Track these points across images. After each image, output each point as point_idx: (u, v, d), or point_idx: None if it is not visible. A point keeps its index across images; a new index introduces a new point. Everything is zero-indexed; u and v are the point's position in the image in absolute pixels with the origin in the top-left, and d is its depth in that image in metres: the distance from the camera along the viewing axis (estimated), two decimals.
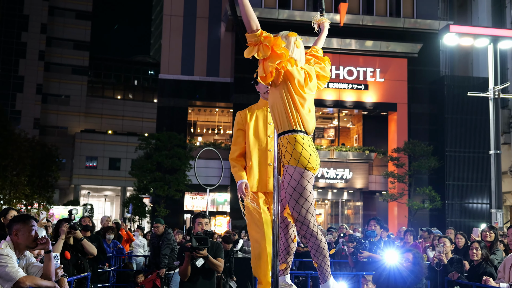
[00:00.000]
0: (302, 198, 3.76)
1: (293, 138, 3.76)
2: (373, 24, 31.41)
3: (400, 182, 28.96)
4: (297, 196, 3.76)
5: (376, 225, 8.70)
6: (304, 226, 3.80)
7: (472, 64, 36.25)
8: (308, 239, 3.85)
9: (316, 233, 3.80)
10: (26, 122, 61.83)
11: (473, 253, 7.26)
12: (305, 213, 3.78)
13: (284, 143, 3.79)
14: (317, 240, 3.82)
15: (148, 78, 73.85)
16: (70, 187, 61.82)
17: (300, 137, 3.77)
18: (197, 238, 5.74)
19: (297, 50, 4.01)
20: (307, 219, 3.79)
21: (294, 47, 4.00)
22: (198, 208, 31.86)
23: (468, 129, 29.95)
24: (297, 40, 4.05)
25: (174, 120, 31.77)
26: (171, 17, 33.21)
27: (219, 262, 6.00)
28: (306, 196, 3.77)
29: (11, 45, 64.54)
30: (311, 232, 3.81)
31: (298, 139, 3.76)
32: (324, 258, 3.84)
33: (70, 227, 6.76)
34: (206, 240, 5.77)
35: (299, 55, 4.02)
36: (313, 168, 3.78)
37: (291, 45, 3.99)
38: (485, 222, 23.54)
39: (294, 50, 3.99)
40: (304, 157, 3.74)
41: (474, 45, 20.30)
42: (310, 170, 3.76)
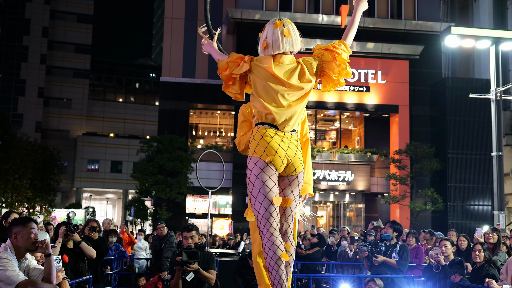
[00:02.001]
0: (249, 183, 3.72)
1: (255, 129, 3.78)
2: (375, 26, 31.41)
3: (402, 184, 28.92)
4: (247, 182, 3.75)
5: (391, 228, 8.63)
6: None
7: (473, 66, 36.20)
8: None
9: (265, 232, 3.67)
10: (28, 125, 61.91)
11: (476, 255, 7.23)
12: (253, 201, 3.72)
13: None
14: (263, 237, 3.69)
15: (150, 81, 73.96)
16: (72, 190, 61.87)
17: (257, 128, 3.76)
18: (188, 252, 5.62)
19: (287, 40, 3.82)
20: (255, 209, 3.70)
21: (283, 38, 3.81)
22: (200, 210, 31.84)
23: (470, 131, 29.90)
24: (285, 28, 3.84)
25: (176, 122, 31.78)
26: (172, 20, 33.25)
27: (211, 275, 5.87)
28: (253, 180, 3.69)
29: (13, 48, 64.67)
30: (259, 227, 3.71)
31: (255, 131, 3.78)
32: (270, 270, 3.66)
33: (67, 230, 6.75)
34: (197, 254, 5.65)
35: (290, 44, 3.83)
36: (258, 155, 3.67)
37: (279, 37, 3.81)
38: (487, 224, 23.47)
39: (283, 41, 3.80)
40: (251, 147, 3.74)
41: (476, 46, 20.26)
42: (260, 158, 3.67)
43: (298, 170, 3.77)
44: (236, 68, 3.80)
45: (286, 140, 3.72)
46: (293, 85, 3.75)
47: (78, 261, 6.96)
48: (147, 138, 32.25)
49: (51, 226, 10.04)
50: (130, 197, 47.27)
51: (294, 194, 3.81)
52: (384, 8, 32.60)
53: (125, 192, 59.18)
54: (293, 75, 3.77)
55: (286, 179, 3.80)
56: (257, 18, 30.75)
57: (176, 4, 33.33)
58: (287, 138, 3.74)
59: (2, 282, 4.26)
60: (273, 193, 3.67)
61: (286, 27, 3.83)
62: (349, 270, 10.78)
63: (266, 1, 31.43)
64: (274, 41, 3.80)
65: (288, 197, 3.79)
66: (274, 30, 3.83)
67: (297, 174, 3.79)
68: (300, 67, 3.81)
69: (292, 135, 3.80)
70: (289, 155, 3.72)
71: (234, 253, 13.90)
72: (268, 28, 3.88)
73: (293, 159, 3.74)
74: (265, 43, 3.86)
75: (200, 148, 31.87)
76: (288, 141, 3.74)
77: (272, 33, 3.83)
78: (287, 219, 3.80)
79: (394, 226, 8.74)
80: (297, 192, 3.83)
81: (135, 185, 32.29)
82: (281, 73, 3.76)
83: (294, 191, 3.81)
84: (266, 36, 3.87)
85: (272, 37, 3.82)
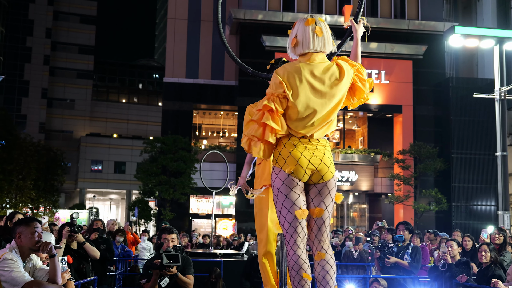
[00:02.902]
0: (273, 195, 3.56)
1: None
2: (378, 26, 31.34)
3: (405, 184, 28.88)
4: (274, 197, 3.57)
5: (404, 230, 8.56)
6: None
7: (477, 65, 36.12)
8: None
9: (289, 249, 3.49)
10: (31, 126, 62.06)
11: (482, 256, 7.19)
12: (278, 215, 3.55)
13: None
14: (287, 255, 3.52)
15: (153, 82, 74.07)
16: (75, 191, 61.96)
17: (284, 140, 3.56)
18: (168, 255, 5.39)
19: (319, 39, 3.59)
20: (281, 223, 3.53)
21: (315, 36, 3.58)
22: (204, 211, 31.83)
23: (474, 130, 29.82)
24: (317, 26, 3.61)
25: (179, 123, 31.79)
26: (175, 20, 33.26)
27: (189, 280, 5.63)
28: (276, 193, 3.53)
29: (16, 49, 64.81)
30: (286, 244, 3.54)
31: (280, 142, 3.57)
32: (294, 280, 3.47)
33: (71, 230, 6.74)
34: (178, 257, 5.41)
35: (322, 43, 3.60)
36: (280, 165, 3.49)
37: (309, 35, 3.58)
38: (492, 224, 23.41)
39: (315, 39, 3.57)
40: (274, 157, 3.57)
41: (480, 46, 20.21)
42: (282, 168, 3.49)
43: (326, 177, 3.52)
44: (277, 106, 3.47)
45: (310, 148, 3.51)
46: (326, 89, 3.52)
47: (82, 261, 6.96)
48: (151, 139, 32.26)
49: (56, 227, 10.03)
50: (133, 198, 47.31)
51: (326, 203, 3.55)
52: (387, 8, 32.55)
53: (128, 193, 59.25)
54: (326, 76, 3.53)
55: (315, 188, 3.56)
56: (260, 19, 30.74)
57: (179, 5, 33.33)
58: (312, 145, 3.53)
59: (8, 283, 4.25)
60: (296, 206, 3.46)
61: (318, 25, 3.61)
62: (354, 270, 10.75)
63: (269, 2, 31.42)
64: (305, 39, 3.59)
65: (319, 206, 3.54)
66: (305, 28, 3.61)
67: (325, 182, 3.54)
68: (337, 67, 3.58)
69: (320, 141, 3.57)
70: (314, 163, 3.48)
71: (238, 253, 13.86)
72: (298, 25, 3.66)
73: (319, 167, 3.49)
74: (295, 40, 3.63)
75: (204, 149, 31.87)
76: (314, 148, 3.52)
77: (303, 30, 3.61)
78: (320, 229, 3.54)
79: (408, 227, 8.65)
80: (329, 200, 3.56)
81: (138, 185, 32.32)
82: (314, 72, 3.52)
83: (325, 200, 3.55)
84: (296, 33, 3.65)
85: (302, 34, 3.60)
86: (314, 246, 3.55)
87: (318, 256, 3.51)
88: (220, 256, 11.83)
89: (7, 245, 4.55)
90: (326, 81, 3.51)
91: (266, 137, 3.42)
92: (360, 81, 3.65)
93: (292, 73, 3.50)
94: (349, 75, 3.57)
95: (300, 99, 3.46)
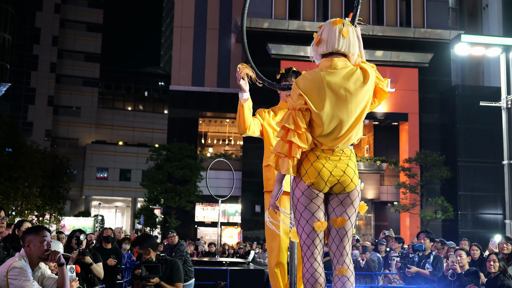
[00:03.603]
0: (293, 205, 3.46)
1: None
2: (383, 34, 31.37)
3: (412, 192, 28.78)
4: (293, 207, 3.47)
5: (425, 238, 8.45)
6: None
7: (483, 73, 36.06)
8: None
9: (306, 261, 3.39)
10: (37, 133, 62.24)
11: (491, 265, 7.15)
12: (296, 225, 3.44)
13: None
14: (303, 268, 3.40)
15: (158, 89, 74.25)
16: (81, 198, 62.03)
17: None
18: (148, 266, 5.20)
19: (345, 40, 3.41)
20: (298, 233, 3.42)
21: (341, 36, 3.40)
22: (209, 219, 31.81)
23: (481, 139, 29.71)
24: (345, 27, 3.42)
25: (185, 131, 31.83)
26: (181, 28, 33.36)
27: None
28: (295, 203, 3.42)
29: (23, 57, 65.12)
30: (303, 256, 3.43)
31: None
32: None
33: (79, 253, 6.72)
34: (158, 268, 5.21)
35: (347, 45, 3.42)
36: (300, 176, 3.38)
37: (335, 34, 3.40)
38: (499, 233, 23.27)
39: (340, 39, 3.39)
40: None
41: (486, 54, 20.17)
42: (302, 179, 3.38)
43: (348, 188, 3.38)
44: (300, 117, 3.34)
45: (333, 159, 3.37)
46: (352, 96, 3.35)
47: (89, 271, 6.96)
48: (156, 146, 32.30)
49: (63, 235, 10.04)
50: (139, 205, 47.34)
51: (348, 213, 3.41)
52: (393, 16, 32.57)
53: (133, 200, 59.27)
54: (351, 81, 3.36)
55: (337, 198, 3.42)
56: (266, 27, 30.80)
57: (186, 13, 33.45)
58: (336, 156, 3.38)
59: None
60: (315, 218, 3.35)
61: (345, 27, 3.42)
62: (361, 279, 10.69)
63: (275, 10, 31.49)
64: (330, 38, 3.40)
65: (341, 216, 3.40)
66: (332, 27, 3.42)
67: (348, 193, 3.40)
68: (360, 71, 3.41)
69: (344, 151, 3.41)
70: (336, 175, 3.34)
71: (244, 262, 13.83)
72: (325, 26, 3.48)
73: (341, 179, 3.36)
74: (319, 38, 3.46)
75: (209, 157, 31.89)
76: (337, 159, 3.37)
77: (329, 29, 3.43)
78: (342, 240, 3.40)
79: (429, 235, 8.55)
80: (352, 211, 3.41)
81: (144, 193, 32.35)
82: (337, 79, 3.35)
83: (348, 210, 3.41)
84: (321, 32, 3.48)
85: (328, 33, 3.42)
86: (335, 258, 3.42)
87: (339, 272, 3.37)
88: (226, 264, 11.81)
89: (16, 254, 4.56)
90: (351, 87, 3.34)
91: (293, 154, 3.30)
92: (380, 82, 3.50)
93: (313, 83, 3.34)
94: (372, 77, 3.42)
95: (325, 111, 3.31)
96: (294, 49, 30.38)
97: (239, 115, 4.59)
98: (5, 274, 4.27)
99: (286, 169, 3.31)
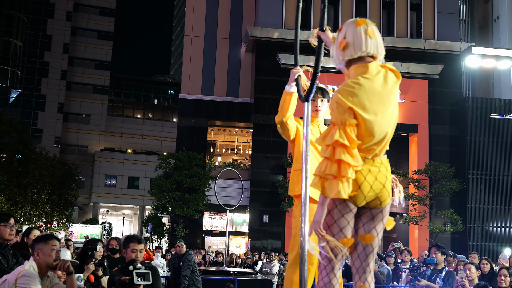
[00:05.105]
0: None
1: None
2: (394, 45, 31.33)
3: (421, 204, 28.60)
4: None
5: (437, 252, 8.36)
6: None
7: (493, 85, 35.93)
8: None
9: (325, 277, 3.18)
10: (47, 140, 62.55)
11: (502, 280, 7.06)
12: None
13: None
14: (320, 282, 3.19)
15: (168, 98, 74.52)
16: (89, 206, 62.18)
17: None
18: (139, 273, 4.79)
19: (371, 41, 3.19)
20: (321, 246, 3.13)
21: (367, 38, 3.17)
22: (217, 228, 31.77)
23: (491, 151, 29.57)
24: (369, 27, 3.19)
25: (194, 139, 31.86)
26: (192, 37, 33.48)
27: None
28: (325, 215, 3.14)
29: (34, 64, 65.64)
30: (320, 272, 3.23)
31: None
32: None
33: (96, 264, 6.62)
34: (149, 275, 4.83)
35: (375, 46, 3.21)
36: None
37: (361, 36, 3.17)
38: (508, 246, 23.12)
39: (367, 41, 3.17)
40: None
41: (497, 66, 20.12)
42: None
43: (384, 203, 3.20)
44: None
45: (374, 170, 3.14)
46: (391, 99, 3.19)
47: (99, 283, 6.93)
48: (165, 155, 32.35)
49: (71, 242, 10.04)
50: (146, 213, 47.36)
51: (377, 229, 3.23)
52: (403, 27, 32.56)
53: (141, 208, 59.35)
54: (389, 84, 3.20)
55: (369, 212, 3.22)
56: (276, 37, 30.87)
57: (196, 22, 33.58)
58: (376, 166, 3.16)
59: None
60: (343, 234, 3.12)
61: (370, 27, 3.19)
62: None
63: (285, 20, 31.56)
64: (356, 40, 3.16)
65: (370, 233, 3.22)
66: (356, 28, 3.18)
67: (382, 208, 3.21)
68: (389, 74, 3.24)
69: (382, 161, 3.21)
70: (376, 188, 3.13)
71: (251, 272, 13.79)
72: (347, 27, 3.23)
73: (380, 193, 3.15)
74: (345, 42, 3.20)
75: (218, 166, 31.88)
76: (377, 171, 3.15)
77: (354, 31, 3.18)
78: (368, 257, 3.23)
79: (442, 250, 8.44)
80: (381, 227, 3.24)
81: (152, 201, 32.35)
82: (379, 84, 3.16)
83: (377, 227, 3.23)
84: (345, 35, 3.21)
85: (353, 35, 3.18)
86: (357, 275, 3.24)
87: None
88: (233, 274, 11.77)
89: (25, 262, 4.56)
90: (390, 91, 3.18)
91: (343, 173, 2.94)
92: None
93: (359, 92, 3.08)
94: (400, 76, 3.27)
95: (377, 119, 3.10)
96: (304, 59, 30.28)
97: (283, 101, 4.44)
98: (14, 282, 4.27)
99: (336, 192, 2.94)
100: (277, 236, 29.48)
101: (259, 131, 30.49)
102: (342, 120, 3.01)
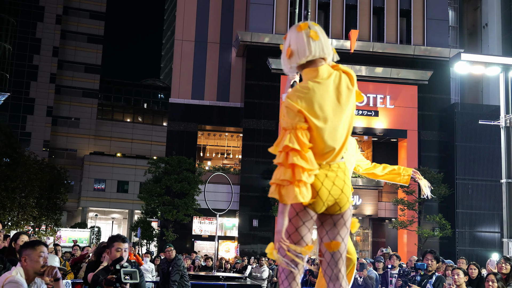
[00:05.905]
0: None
1: None
2: (384, 51, 31.50)
3: (409, 209, 28.72)
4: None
5: (433, 260, 8.35)
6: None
7: (482, 92, 36.21)
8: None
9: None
10: (35, 144, 62.18)
11: (489, 285, 7.10)
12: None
13: None
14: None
15: (158, 102, 74.40)
16: (77, 210, 61.86)
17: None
18: (126, 271, 4.75)
19: (316, 43, 3.11)
20: (281, 255, 2.98)
21: (310, 41, 3.09)
22: (207, 232, 31.69)
23: (479, 157, 29.77)
24: (311, 30, 3.11)
25: (184, 144, 31.80)
26: (182, 42, 33.46)
27: None
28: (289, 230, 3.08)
29: (23, 67, 65.27)
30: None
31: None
32: None
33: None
34: (136, 274, 4.81)
35: (320, 48, 3.12)
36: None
37: (304, 40, 3.10)
38: (496, 251, 23.22)
39: (310, 44, 3.09)
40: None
41: (486, 73, 20.24)
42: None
43: (343, 208, 3.15)
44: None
45: (331, 175, 3.09)
46: (345, 103, 3.12)
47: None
48: (155, 159, 32.25)
49: (59, 247, 9.98)
50: (136, 218, 47.18)
51: (342, 235, 3.18)
52: (393, 33, 32.73)
53: (130, 212, 59.13)
54: (342, 89, 3.12)
55: (330, 219, 3.18)
56: (266, 42, 30.91)
57: (187, 26, 33.56)
58: (333, 171, 3.10)
59: None
60: (304, 241, 3.07)
61: (312, 29, 3.12)
62: None
63: (275, 25, 31.64)
64: (300, 46, 3.10)
65: (335, 240, 3.17)
66: (298, 34, 3.13)
67: (342, 213, 3.17)
68: (343, 76, 3.17)
69: (339, 165, 3.15)
70: (334, 194, 3.08)
71: (240, 277, 13.77)
72: (291, 34, 3.18)
73: (338, 198, 3.11)
74: (290, 50, 3.15)
75: (208, 170, 31.82)
76: (334, 175, 3.10)
77: (296, 37, 3.13)
78: (337, 263, 3.18)
79: (436, 256, 8.42)
80: (345, 232, 3.19)
81: (141, 205, 32.22)
82: (330, 88, 3.08)
83: (341, 232, 3.18)
84: (289, 42, 3.16)
85: (296, 41, 3.12)
86: (331, 282, 3.20)
87: None
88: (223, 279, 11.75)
89: (12, 268, 4.52)
90: (343, 95, 3.12)
91: (297, 178, 2.86)
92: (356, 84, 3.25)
93: (308, 96, 3.03)
94: (355, 80, 3.19)
95: (327, 124, 3.05)
96: None
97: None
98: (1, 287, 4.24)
99: (293, 198, 2.85)
100: (267, 241, 29.34)
101: (249, 136, 30.50)
102: (293, 125, 2.96)
